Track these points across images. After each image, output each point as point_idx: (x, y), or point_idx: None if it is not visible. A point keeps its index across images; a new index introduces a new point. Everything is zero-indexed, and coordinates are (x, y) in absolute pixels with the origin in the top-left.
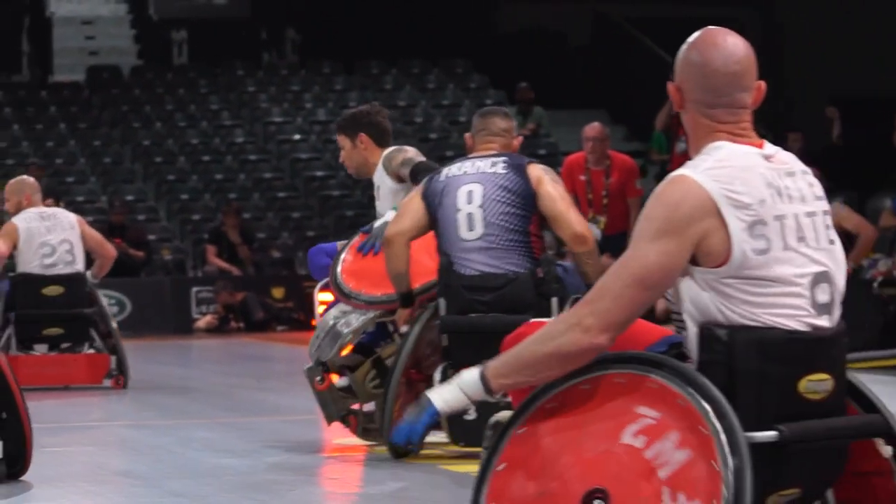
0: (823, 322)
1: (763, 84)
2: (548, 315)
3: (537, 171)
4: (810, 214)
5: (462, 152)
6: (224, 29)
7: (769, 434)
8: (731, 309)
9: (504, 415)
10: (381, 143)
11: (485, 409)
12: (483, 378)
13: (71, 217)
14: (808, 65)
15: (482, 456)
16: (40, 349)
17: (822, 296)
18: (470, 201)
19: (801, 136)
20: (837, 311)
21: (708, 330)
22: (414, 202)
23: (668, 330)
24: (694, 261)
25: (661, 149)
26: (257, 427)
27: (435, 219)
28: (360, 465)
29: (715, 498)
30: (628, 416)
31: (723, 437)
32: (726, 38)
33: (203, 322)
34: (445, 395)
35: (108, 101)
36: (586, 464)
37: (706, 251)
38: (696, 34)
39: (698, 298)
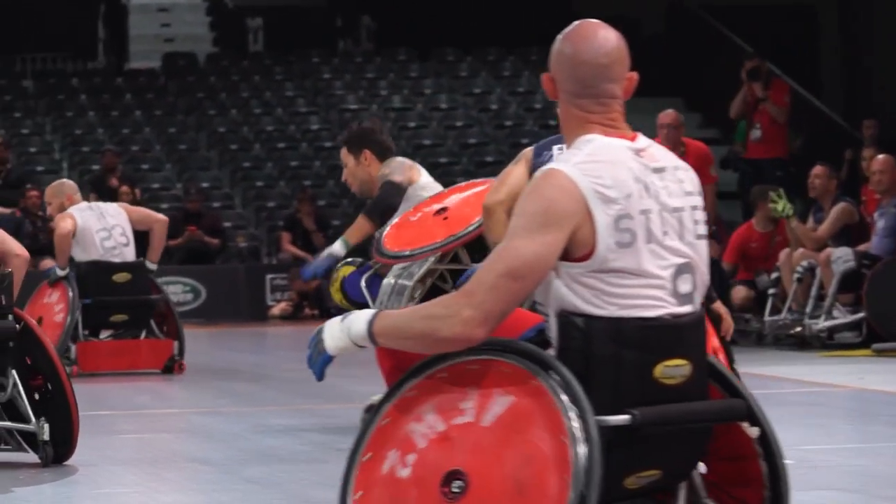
0: (683, 310)
1: (635, 75)
2: None
3: None
4: (677, 210)
5: (537, 139)
6: (299, 16)
7: (622, 418)
8: (589, 299)
9: (377, 398)
10: (383, 160)
11: None
12: (370, 332)
13: (114, 204)
14: (886, 52)
15: (351, 447)
16: (103, 336)
17: (684, 286)
18: None
19: (876, 122)
20: (699, 299)
21: (566, 317)
22: (516, 173)
23: (542, 317)
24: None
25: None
26: (333, 414)
27: None
28: None
29: (566, 479)
30: (487, 398)
31: (574, 421)
32: (597, 31)
33: (277, 309)
34: (337, 341)
35: (184, 88)
36: (446, 447)
37: (574, 243)
38: (569, 27)
39: (559, 289)
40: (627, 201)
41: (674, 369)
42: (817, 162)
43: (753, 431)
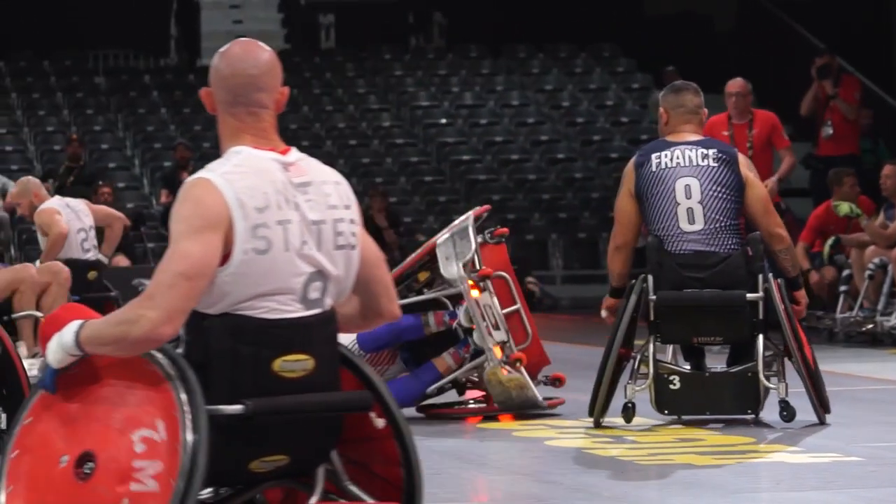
0: (310, 313)
1: (287, 90)
2: (756, 291)
3: (745, 169)
4: (317, 222)
5: (608, 136)
6: (371, 13)
7: (236, 408)
8: (216, 299)
9: None
10: None
11: (689, 379)
12: (77, 342)
13: (80, 202)
14: None
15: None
16: None
17: (314, 293)
18: (689, 196)
19: None
20: (329, 303)
21: (193, 315)
22: (622, 208)
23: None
24: None
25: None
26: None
27: (643, 202)
28: (509, 447)
29: (175, 464)
30: (120, 389)
31: (186, 410)
32: (248, 46)
33: None
34: (55, 354)
35: None
36: (80, 433)
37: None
38: (225, 45)
39: None
40: (266, 211)
41: (294, 363)
42: (887, 161)
43: (379, 423)
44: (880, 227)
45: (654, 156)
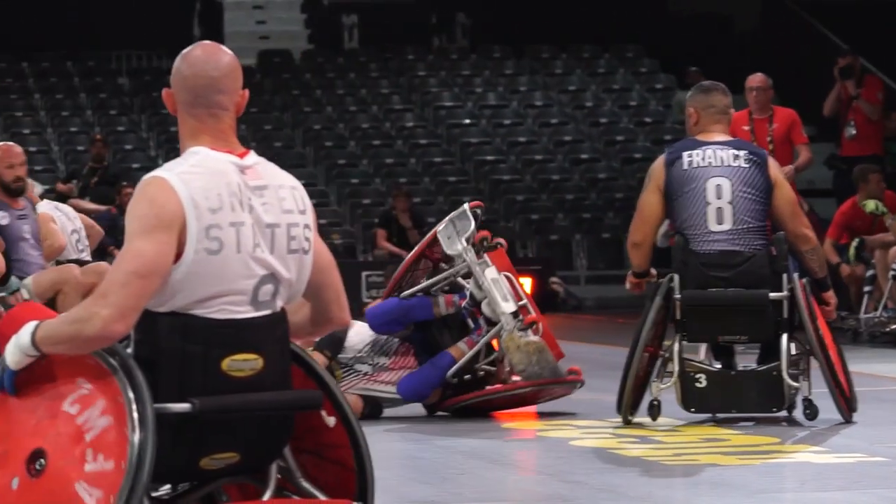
0: (260, 313)
1: (246, 93)
2: (780, 290)
3: (775, 171)
4: (271, 225)
5: (631, 136)
6: (394, 13)
7: (184, 406)
8: (166, 298)
9: None
10: None
11: (715, 378)
12: (33, 342)
13: (68, 207)
14: None
15: None
16: None
17: (265, 294)
18: (719, 196)
19: None
20: (280, 304)
21: (143, 313)
22: (650, 203)
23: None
24: None
25: None
26: (421, 409)
27: (671, 199)
28: (533, 447)
29: (123, 461)
30: (69, 386)
31: (133, 407)
32: (209, 49)
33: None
34: (13, 356)
35: (279, 85)
36: (33, 428)
37: None
38: (187, 48)
39: None
40: (219, 212)
41: (242, 363)
42: None
43: (330, 421)
44: None
45: (685, 154)
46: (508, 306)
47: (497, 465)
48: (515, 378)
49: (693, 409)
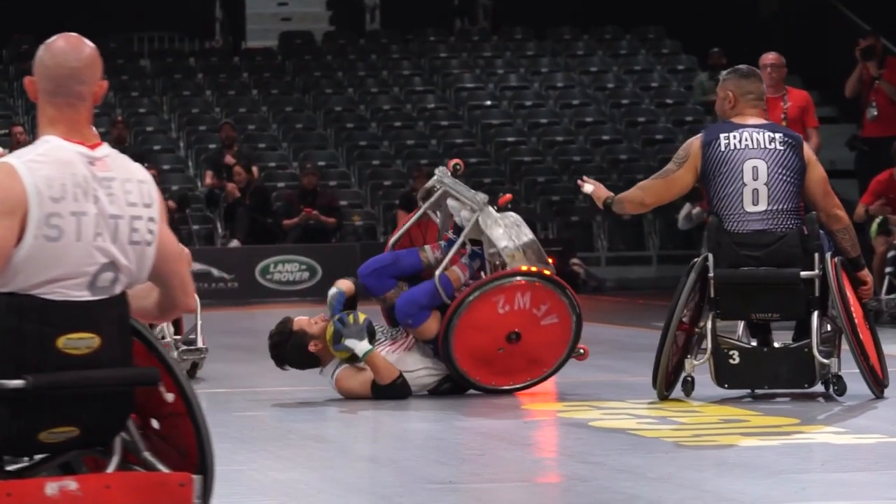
0: (96, 297)
1: (105, 83)
2: (812, 268)
3: (809, 153)
4: (114, 216)
5: (653, 117)
6: None
7: (18, 382)
8: (7, 281)
9: None
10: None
11: (747, 354)
12: None
13: None
14: None
15: None
16: None
17: (104, 282)
18: (756, 177)
19: None
20: (120, 288)
21: None
22: (680, 180)
23: None
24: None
25: None
26: (448, 392)
27: (708, 180)
28: (552, 428)
29: None
30: None
31: None
32: (72, 41)
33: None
34: None
35: (301, 67)
36: None
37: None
38: (50, 38)
39: None
40: (62, 202)
41: (78, 341)
42: None
43: (169, 397)
44: None
45: (722, 136)
46: (480, 195)
47: (516, 445)
48: None
49: (726, 386)
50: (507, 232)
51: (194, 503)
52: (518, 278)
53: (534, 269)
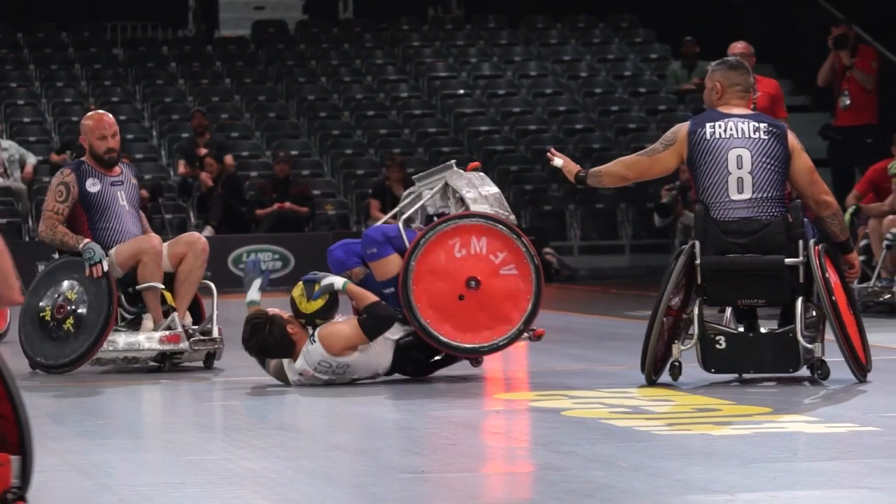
0: None
1: None
2: (796, 255)
3: (794, 141)
4: None
5: (626, 106)
6: None
7: None
8: None
9: None
10: None
11: (733, 339)
12: None
13: None
14: None
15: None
16: None
17: None
18: (740, 166)
19: None
20: None
21: None
22: (664, 161)
23: None
24: None
25: None
26: (420, 380)
27: (694, 168)
28: (525, 418)
29: None
30: None
31: None
32: None
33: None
34: None
35: (274, 56)
36: None
37: None
38: None
39: None
40: None
41: None
42: None
43: None
44: None
45: (708, 125)
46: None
47: (488, 435)
48: None
49: (713, 370)
50: (471, 183)
51: (12, 482)
52: (474, 220)
53: (490, 213)
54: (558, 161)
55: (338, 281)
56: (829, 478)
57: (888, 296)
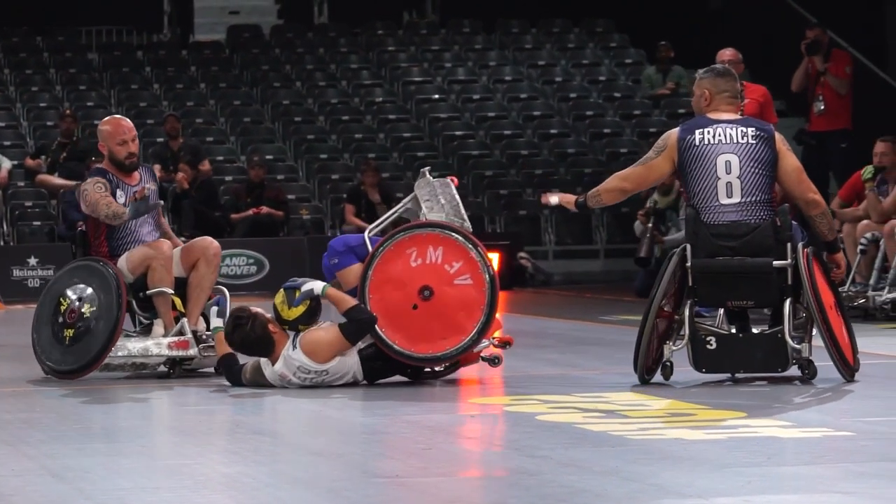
0: None
1: None
2: (785, 258)
3: (781, 143)
4: None
5: (601, 111)
6: None
7: None
8: None
9: None
10: None
11: (724, 340)
12: None
13: None
14: None
15: None
16: None
17: None
18: (728, 171)
19: None
20: None
21: None
22: (658, 167)
23: None
24: None
25: None
26: (396, 385)
27: (684, 173)
28: (499, 422)
29: None
30: None
31: None
32: None
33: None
34: None
35: (249, 60)
36: None
37: None
38: None
39: None
40: None
41: None
42: (879, 138)
43: None
44: (873, 202)
45: (696, 131)
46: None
47: (463, 439)
48: None
49: (704, 370)
50: (433, 191)
51: None
52: (431, 229)
53: (453, 225)
54: (554, 199)
55: (317, 286)
56: (803, 482)
57: (862, 300)
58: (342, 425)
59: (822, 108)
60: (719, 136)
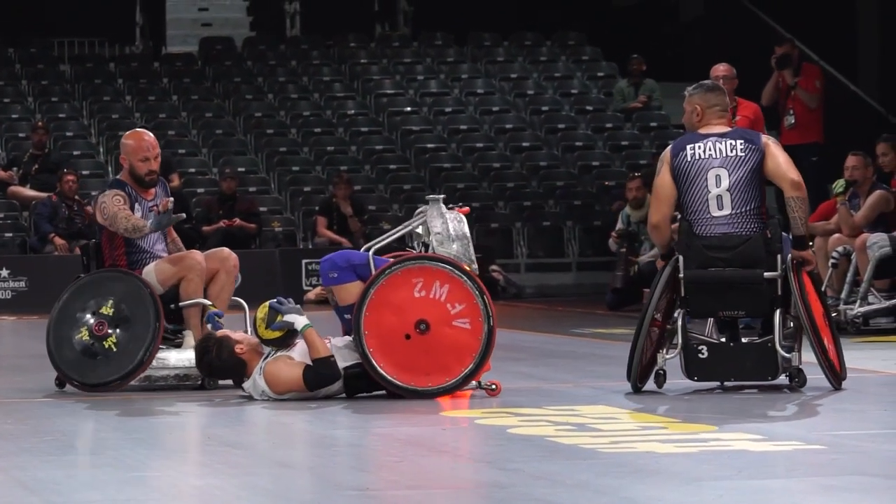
0: None
1: None
2: (775, 269)
3: (767, 142)
4: None
5: (573, 124)
6: (337, 0)
7: None
8: None
9: None
10: None
11: (715, 349)
12: None
13: None
14: None
15: None
16: None
17: None
18: (718, 185)
19: None
20: None
21: None
22: (663, 183)
23: None
24: None
25: None
26: (368, 398)
27: (677, 186)
28: (471, 435)
29: None
30: None
31: None
32: None
33: (313, 294)
34: None
35: (221, 72)
36: None
37: None
38: None
39: None
40: None
41: None
42: (850, 151)
43: None
44: (847, 215)
45: (688, 147)
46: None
47: (434, 452)
48: None
49: (696, 378)
50: (445, 221)
51: None
52: (441, 265)
53: (464, 266)
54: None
55: (299, 321)
56: (774, 496)
57: (834, 314)
58: (312, 437)
59: (793, 121)
60: (709, 150)
